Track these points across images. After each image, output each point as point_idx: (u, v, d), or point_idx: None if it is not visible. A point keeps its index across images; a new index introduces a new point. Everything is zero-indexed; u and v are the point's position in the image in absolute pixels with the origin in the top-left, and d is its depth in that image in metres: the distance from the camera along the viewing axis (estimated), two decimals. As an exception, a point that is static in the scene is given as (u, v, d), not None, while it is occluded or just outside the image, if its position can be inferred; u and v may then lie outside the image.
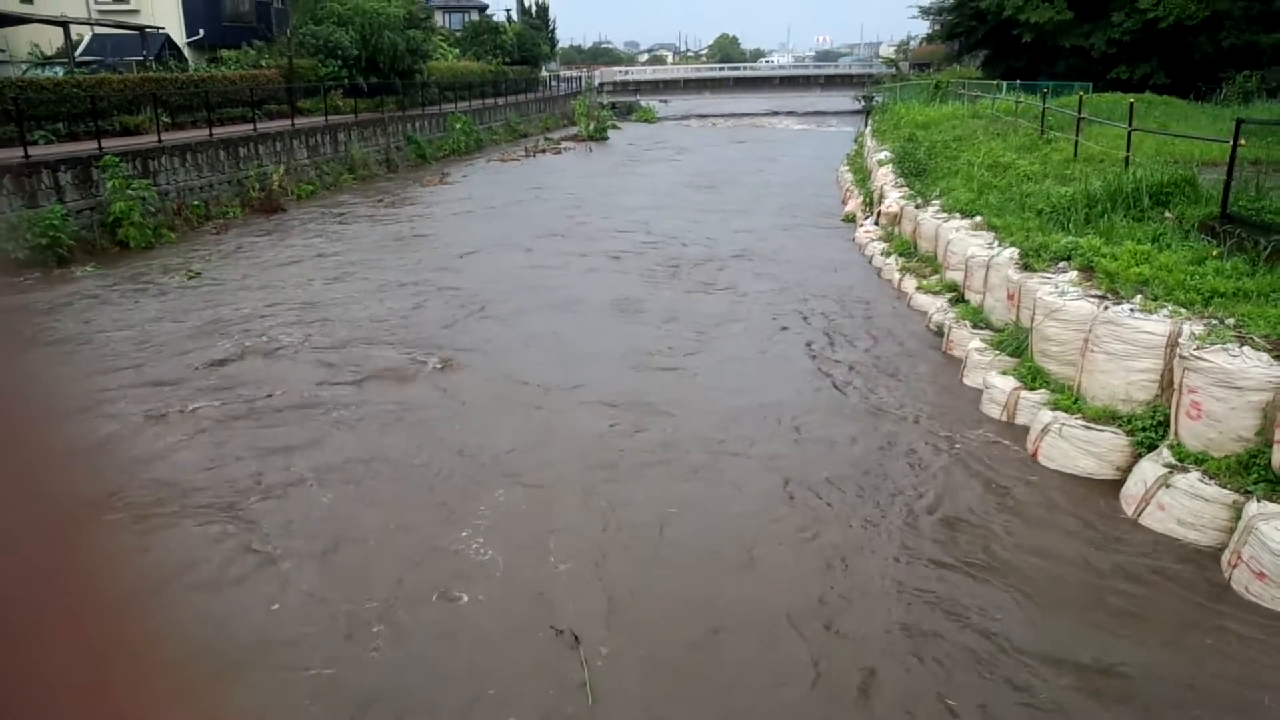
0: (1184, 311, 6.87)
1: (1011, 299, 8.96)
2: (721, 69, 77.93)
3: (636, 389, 8.79)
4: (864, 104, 46.96)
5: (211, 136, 20.04)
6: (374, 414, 8.17)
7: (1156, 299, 7.17)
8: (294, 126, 23.73)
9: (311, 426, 7.86)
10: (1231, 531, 5.54)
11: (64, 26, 24.19)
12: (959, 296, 10.74)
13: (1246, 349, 6.01)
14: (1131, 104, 12.14)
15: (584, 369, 9.41)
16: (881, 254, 14.28)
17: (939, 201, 13.52)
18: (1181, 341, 6.42)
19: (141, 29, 27.71)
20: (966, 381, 8.78)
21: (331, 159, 25.25)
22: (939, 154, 16.82)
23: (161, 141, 18.20)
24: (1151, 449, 6.43)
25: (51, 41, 26.48)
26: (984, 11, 32.53)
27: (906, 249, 13.68)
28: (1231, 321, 6.52)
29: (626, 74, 70.29)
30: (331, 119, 26.27)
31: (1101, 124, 14.34)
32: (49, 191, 14.88)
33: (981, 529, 6.04)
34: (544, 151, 34.91)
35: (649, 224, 18.34)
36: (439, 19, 52.27)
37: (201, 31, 31.74)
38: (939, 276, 11.85)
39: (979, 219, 11.58)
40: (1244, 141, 9.23)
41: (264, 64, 27.75)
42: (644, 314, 11.67)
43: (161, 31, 29.30)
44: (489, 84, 43.18)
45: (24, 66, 24.55)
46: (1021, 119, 18.06)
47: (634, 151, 35.34)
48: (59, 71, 22.36)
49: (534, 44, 52.40)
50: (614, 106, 53.66)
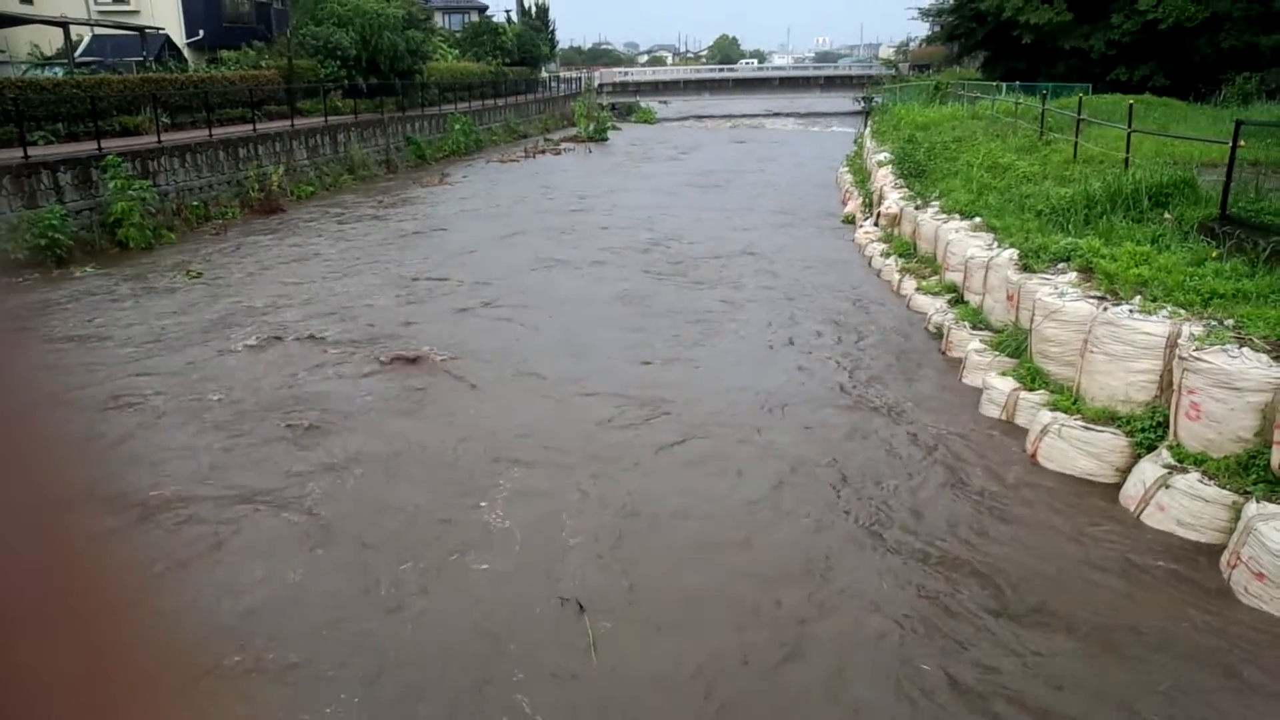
0: (1183, 312, 6.87)
1: (1011, 300, 8.97)
2: (720, 70, 78.04)
3: (641, 382, 9.06)
4: (863, 105, 46.91)
5: (211, 137, 20.04)
6: (392, 401, 8.55)
7: (1156, 300, 7.18)
8: (293, 127, 23.73)
9: (333, 414, 8.17)
10: (1231, 532, 5.55)
11: (64, 27, 24.20)
12: (958, 297, 10.75)
13: (1246, 350, 6.02)
14: (1131, 105, 12.13)
15: (590, 361, 9.72)
16: (881, 255, 14.29)
17: (938, 202, 13.53)
18: (1181, 342, 6.42)
19: (141, 30, 27.72)
20: (966, 382, 8.79)
21: (331, 160, 25.25)
22: (938, 155, 16.81)
23: (161, 142, 18.20)
24: (1151, 450, 6.44)
25: (51, 42, 26.50)
26: (983, 13, 32.51)
27: (906, 250, 13.69)
28: (1231, 322, 6.53)
29: (626, 75, 70.38)
30: (331, 119, 26.27)
31: (1101, 125, 14.34)
32: (48, 192, 14.88)
33: (980, 529, 6.05)
34: (544, 152, 34.92)
35: (650, 223, 18.39)
36: (439, 20, 52.31)
37: (201, 32, 31.78)
38: (938, 277, 11.86)
39: (978, 220, 11.59)
40: (1243, 143, 9.24)
41: (264, 65, 27.76)
42: (647, 310, 11.82)
43: (161, 32, 29.32)
44: (488, 85, 43.22)
45: (24, 67, 24.57)
46: (1021, 120, 18.06)
47: (634, 152, 35.36)
48: (59, 72, 22.38)
49: (533, 45, 52.43)
50: (614, 107, 53.68)
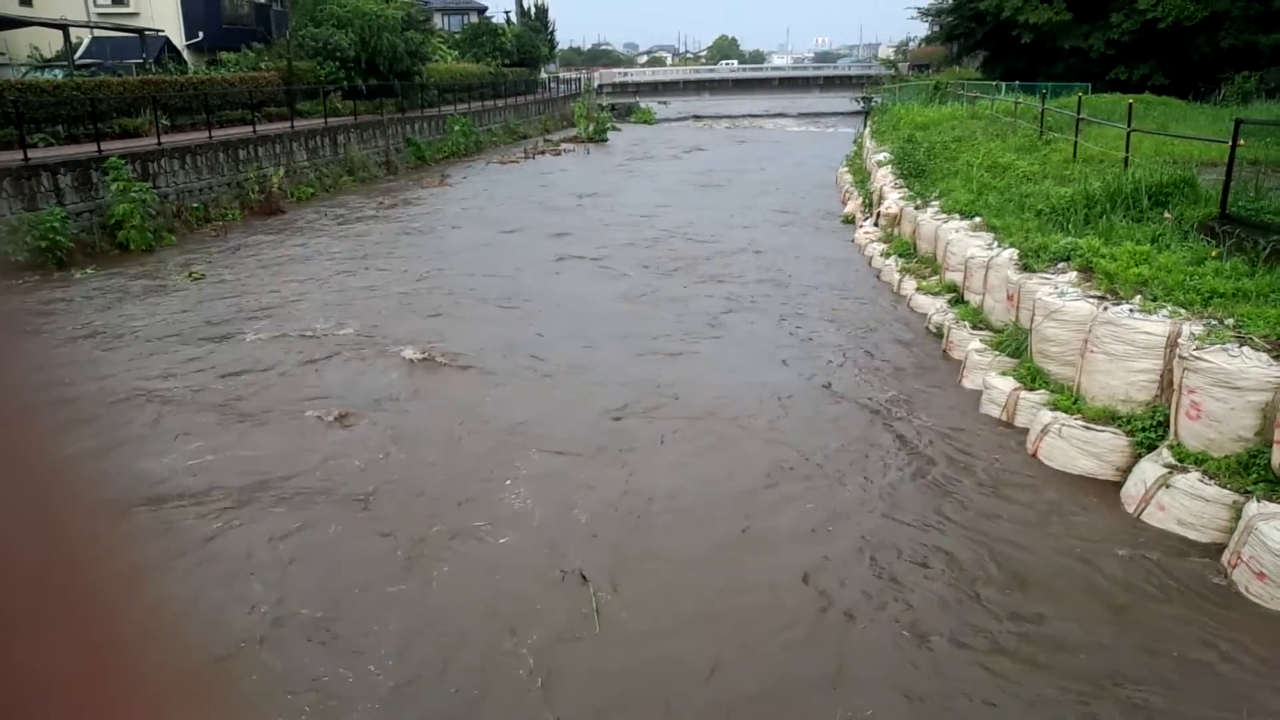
0: (1183, 312, 6.87)
1: (1011, 300, 8.97)
2: (719, 70, 78.01)
3: (646, 375, 9.25)
4: (863, 105, 46.91)
5: (211, 139, 20.03)
6: (409, 392, 8.80)
7: (1156, 299, 7.17)
8: (293, 129, 23.73)
9: (352, 403, 8.36)
10: (1231, 531, 5.55)
11: (63, 29, 24.22)
12: (958, 297, 10.75)
13: (1246, 349, 6.02)
14: (1130, 105, 12.12)
15: (598, 354, 9.96)
16: (881, 255, 14.29)
17: (938, 202, 13.52)
18: (1181, 342, 6.42)
19: (141, 32, 27.74)
20: (966, 382, 8.78)
21: (331, 161, 25.25)
22: (938, 155, 16.81)
23: (161, 144, 18.20)
24: (1151, 449, 6.43)
25: (51, 44, 26.49)
26: (983, 13, 32.49)
27: (906, 250, 13.69)
28: (1231, 322, 6.52)
29: (626, 75, 70.35)
30: (331, 121, 26.26)
31: (1100, 124, 14.33)
32: (48, 194, 14.88)
33: (981, 529, 6.05)
34: (543, 153, 34.91)
35: (652, 222, 18.43)
36: (438, 21, 52.29)
37: (201, 34, 31.78)
38: (938, 277, 11.86)
39: (978, 220, 11.58)
40: (1243, 142, 9.24)
41: (263, 66, 27.76)
42: (649, 306, 11.94)
43: (161, 34, 29.32)
44: (488, 86, 43.20)
45: (23, 69, 24.57)
46: (1020, 120, 18.05)
47: (634, 152, 35.36)
48: (58, 74, 22.38)
49: (533, 46, 52.41)
50: (613, 108, 53.61)
